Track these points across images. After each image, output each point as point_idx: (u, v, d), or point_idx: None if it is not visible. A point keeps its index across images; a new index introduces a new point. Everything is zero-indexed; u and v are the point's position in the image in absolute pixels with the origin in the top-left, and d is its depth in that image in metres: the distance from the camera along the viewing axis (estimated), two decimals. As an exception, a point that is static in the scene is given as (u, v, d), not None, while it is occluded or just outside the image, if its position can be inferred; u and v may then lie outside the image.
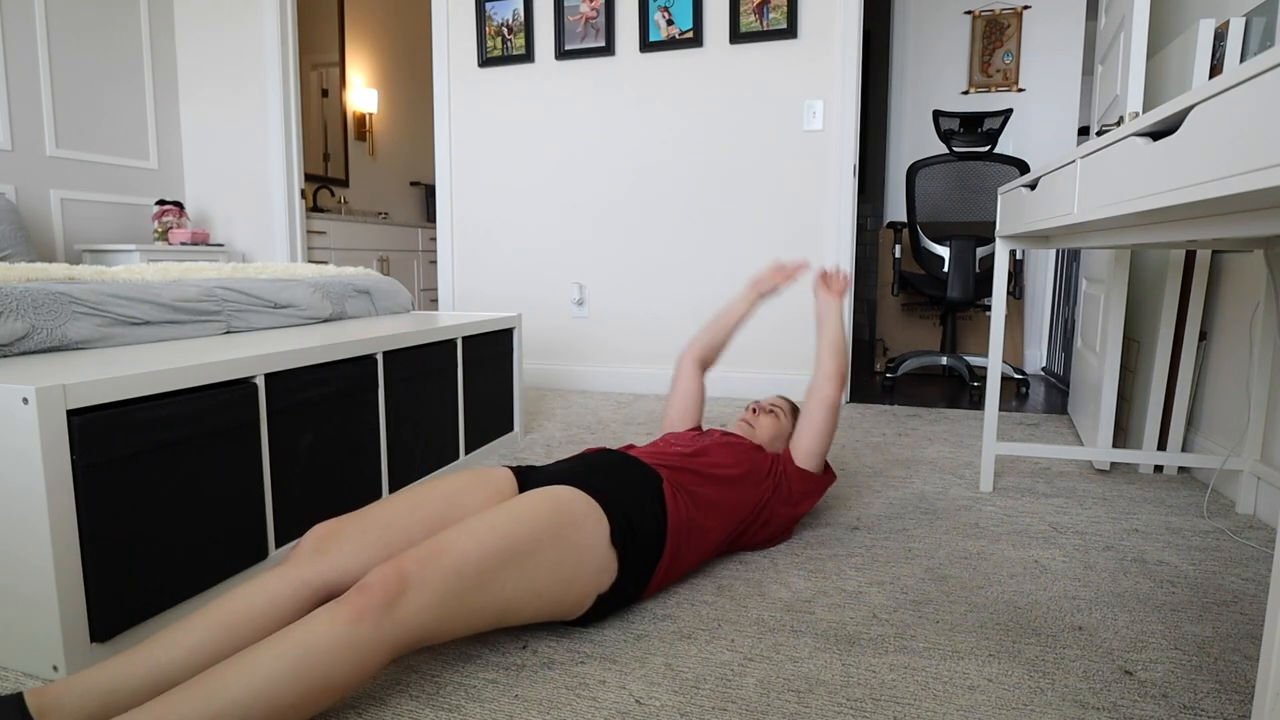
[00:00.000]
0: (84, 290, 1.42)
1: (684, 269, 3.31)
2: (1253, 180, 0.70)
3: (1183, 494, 1.91)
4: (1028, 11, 3.92)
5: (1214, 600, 1.31)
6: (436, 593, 0.96)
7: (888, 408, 3.05)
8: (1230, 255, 1.97)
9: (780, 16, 3.04)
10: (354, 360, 1.62)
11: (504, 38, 3.42)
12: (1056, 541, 1.58)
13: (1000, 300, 1.94)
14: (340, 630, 0.89)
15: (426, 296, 5.10)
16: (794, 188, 3.12)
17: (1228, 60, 1.72)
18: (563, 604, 1.11)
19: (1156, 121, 0.92)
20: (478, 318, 2.21)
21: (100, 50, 3.55)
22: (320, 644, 0.88)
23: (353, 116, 4.99)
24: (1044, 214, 1.49)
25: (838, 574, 1.41)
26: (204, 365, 1.23)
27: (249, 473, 1.32)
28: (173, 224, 3.67)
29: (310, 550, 1.05)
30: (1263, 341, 1.71)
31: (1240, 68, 0.72)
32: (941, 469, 2.14)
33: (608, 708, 0.99)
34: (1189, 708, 0.99)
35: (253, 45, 3.78)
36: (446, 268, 3.67)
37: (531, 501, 1.11)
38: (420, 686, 1.04)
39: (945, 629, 1.20)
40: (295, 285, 1.95)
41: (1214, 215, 0.99)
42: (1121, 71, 2.08)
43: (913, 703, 1.00)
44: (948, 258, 3.23)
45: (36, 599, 1.02)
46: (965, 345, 3.93)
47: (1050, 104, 3.94)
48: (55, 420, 1.00)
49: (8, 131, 3.20)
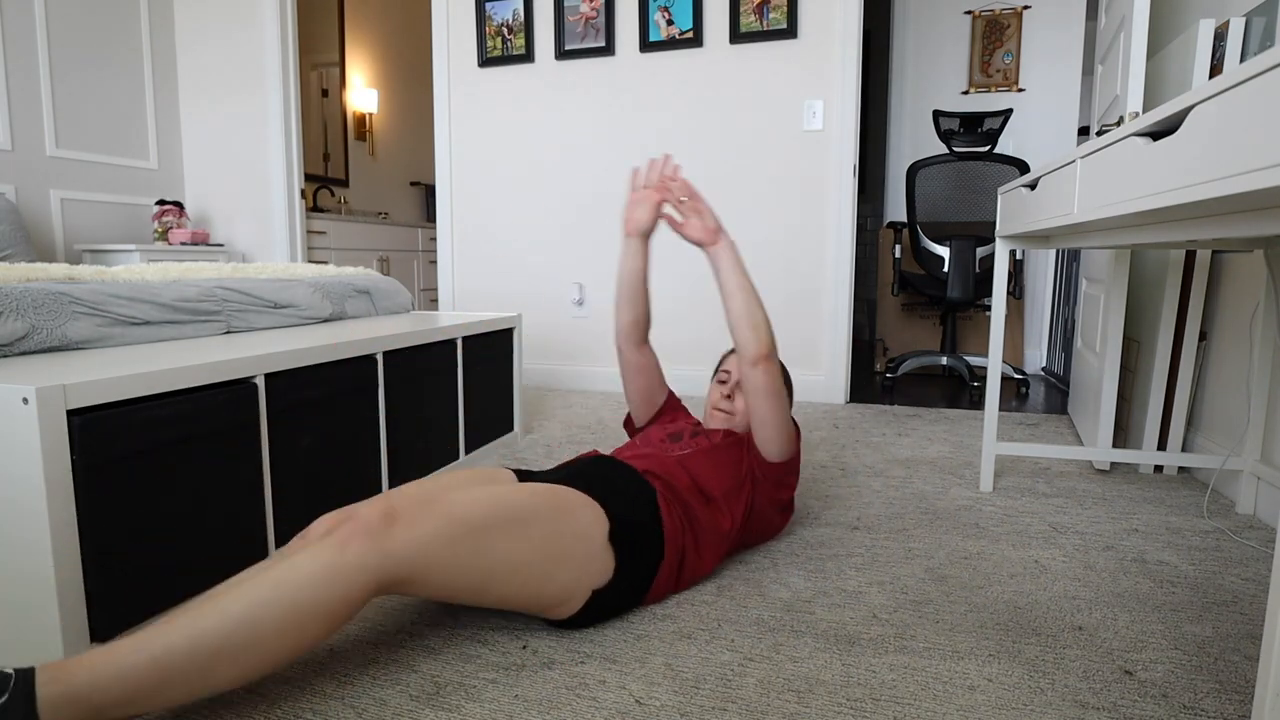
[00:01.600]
0: (84, 290, 1.42)
1: (684, 268, 3.31)
2: (1253, 180, 0.70)
3: (1183, 494, 1.91)
4: (1028, 11, 3.92)
5: (1214, 600, 1.31)
6: (425, 531, 0.98)
7: (888, 408, 3.05)
8: (1230, 255, 1.97)
9: (780, 16, 3.04)
10: (354, 360, 1.62)
11: (504, 38, 3.42)
12: (1056, 541, 1.58)
13: (1000, 300, 1.94)
14: (325, 555, 0.91)
15: (426, 296, 5.10)
16: (794, 188, 3.12)
17: (1228, 60, 1.72)
18: (550, 585, 1.10)
19: (1156, 121, 0.92)
20: (478, 318, 2.21)
21: (100, 50, 3.55)
22: (303, 566, 0.90)
23: (353, 116, 4.99)
24: (1044, 214, 1.49)
25: (838, 574, 1.41)
26: (204, 365, 1.23)
27: (249, 473, 1.32)
28: (173, 224, 3.67)
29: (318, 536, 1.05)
30: (1263, 341, 1.71)
31: (1240, 68, 0.72)
32: (941, 469, 2.14)
33: (608, 708, 0.99)
34: (1189, 708, 0.99)
35: (253, 45, 3.78)
36: (446, 268, 3.67)
37: (531, 486, 1.14)
38: (420, 686, 1.04)
39: (945, 629, 1.20)
40: (295, 285, 1.95)
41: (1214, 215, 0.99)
42: (1121, 71, 2.08)
43: (913, 703, 1.00)
44: (948, 258, 3.23)
45: (36, 599, 1.02)
46: (965, 345, 3.93)
47: (1050, 104, 3.94)
48: (55, 420, 1.00)
49: (8, 131, 3.20)
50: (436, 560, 0.98)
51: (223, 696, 1.00)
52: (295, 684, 1.04)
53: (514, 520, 1.06)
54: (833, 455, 2.28)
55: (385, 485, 1.73)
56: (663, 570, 1.26)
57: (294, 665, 1.09)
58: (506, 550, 1.04)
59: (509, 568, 1.05)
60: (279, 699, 1.00)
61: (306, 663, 1.10)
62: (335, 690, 1.02)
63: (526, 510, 1.08)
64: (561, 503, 1.13)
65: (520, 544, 1.06)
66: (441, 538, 0.98)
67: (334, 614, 0.91)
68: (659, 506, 1.27)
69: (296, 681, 1.04)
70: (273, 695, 1.01)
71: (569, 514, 1.13)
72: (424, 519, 0.99)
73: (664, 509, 1.27)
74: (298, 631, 0.89)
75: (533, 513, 1.08)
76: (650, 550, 1.23)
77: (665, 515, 1.26)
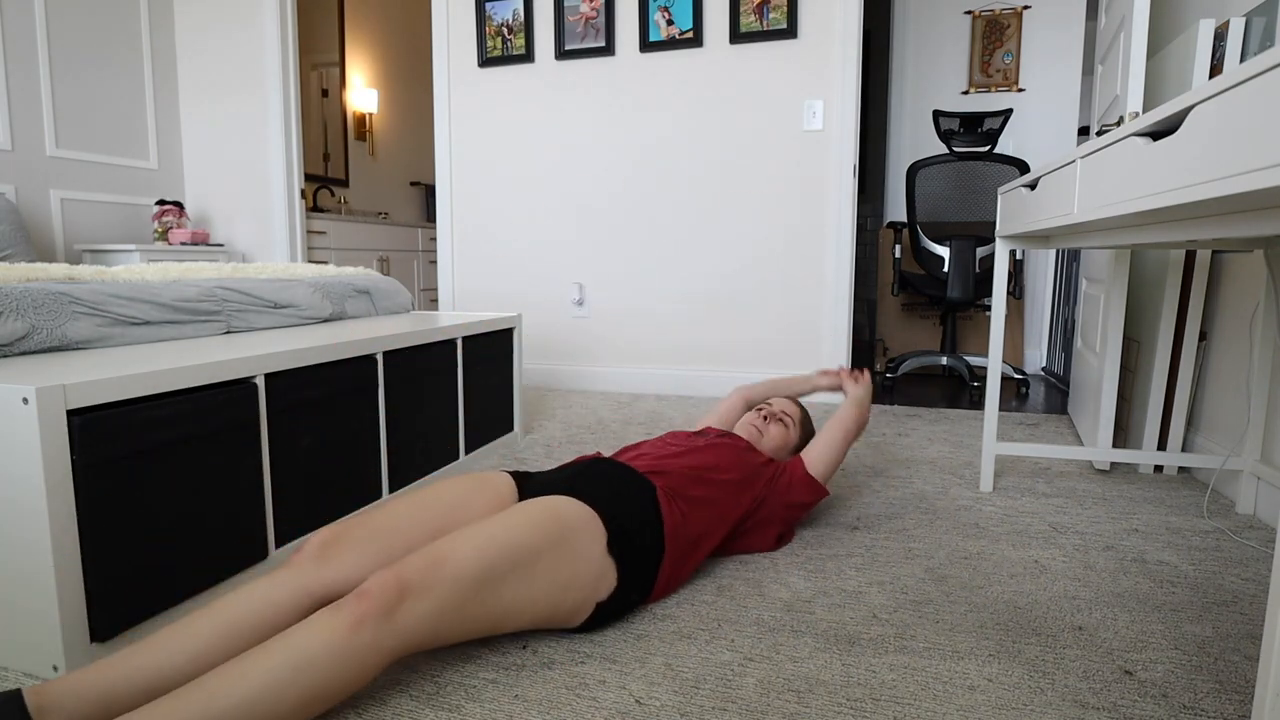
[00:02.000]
0: (84, 290, 1.42)
1: (684, 268, 3.31)
2: (1253, 180, 0.70)
3: (1183, 494, 1.91)
4: (1028, 11, 3.92)
5: (1214, 600, 1.31)
6: (435, 602, 0.96)
7: (888, 408, 3.05)
8: (1230, 255, 1.97)
9: (780, 16, 3.04)
10: (354, 360, 1.62)
11: (504, 38, 3.42)
12: (1056, 541, 1.58)
13: (1000, 300, 1.94)
14: (339, 638, 0.89)
15: (426, 296, 5.10)
16: (794, 188, 3.12)
17: (1228, 60, 1.72)
18: (559, 610, 1.11)
19: (1156, 121, 0.92)
20: (478, 318, 2.21)
21: (100, 50, 3.55)
22: (319, 651, 0.88)
23: (353, 116, 4.99)
24: (1044, 214, 1.49)
25: (838, 574, 1.41)
26: (204, 365, 1.23)
27: (249, 473, 1.32)
28: (173, 224, 3.67)
29: (312, 557, 1.05)
30: (1263, 341, 1.71)
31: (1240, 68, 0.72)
32: (941, 469, 2.14)
33: (608, 708, 0.99)
34: (1189, 708, 0.99)
35: (253, 45, 3.78)
36: (446, 268, 3.67)
37: (530, 511, 1.12)
38: (420, 686, 1.04)
39: (945, 629, 1.20)
40: (295, 285, 1.95)
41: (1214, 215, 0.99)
42: (1121, 71, 2.08)
43: (913, 703, 1.00)
44: (948, 258, 3.23)
45: (36, 599, 1.02)
46: (965, 345, 3.93)
47: (1050, 104, 3.94)
48: (55, 420, 1.00)
49: (8, 131, 3.20)
50: (448, 625, 0.99)
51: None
52: (295, 684, 1.04)
53: (518, 564, 1.05)
54: (833, 455, 2.28)
55: (385, 486, 1.73)
56: (664, 569, 1.26)
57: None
58: (515, 594, 1.05)
59: (519, 607, 1.06)
60: (279, 699, 1.00)
61: (306, 663, 1.10)
62: (335, 690, 1.02)
63: (530, 549, 1.07)
64: (562, 526, 1.12)
65: (527, 585, 1.06)
66: (451, 604, 0.98)
67: (347, 689, 0.92)
68: (659, 503, 1.27)
69: (296, 681, 1.04)
70: (273, 695, 1.01)
71: (570, 536, 1.12)
72: (432, 582, 0.97)
73: (664, 505, 1.27)
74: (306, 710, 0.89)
75: (536, 551, 1.07)
76: (650, 551, 1.23)
77: (665, 511, 1.27)
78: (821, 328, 3.15)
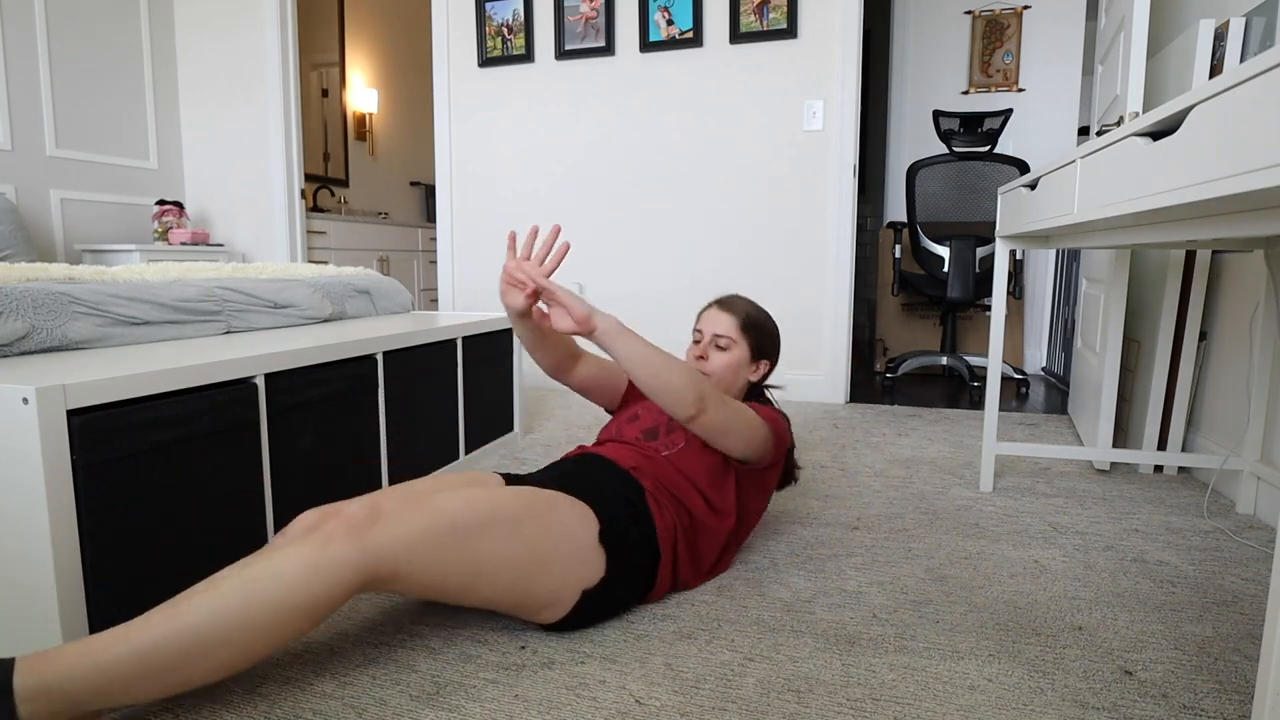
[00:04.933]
0: (84, 290, 1.42)
1: (685, 268, 3.31)
2: (1253, 180, 0.70)
3: (1183, 494, 1.91)
4: (1028, 12, 3.92)
5: (1214, 600, 1.31)
6: (410, 528, 0.98)
7: (888, 408, 3.05)
8: (1230, 255, 1.97)
9: (780, 16, 3.04)
10: (354, 360, 1.62)
11: (504, 38, 3.42)
12: (1056, 541, 1.58)
13: (1000, 300, 1.94)
14: (307, 552, 0.91)
15: (426, 296, 5.10)
16: (794, 188, 3.12)
17: (1228, 60, 1.72)
18: (538, 586, 1.10)
19: (1156, 121, 0.92)
20: (478, 318, 2.21)
21: (100, 50, 3.55)
22: (287, 565, 0.90)
23: (353, 116, 4.99)
24: (1044, 214, 1.49)
25: (838, 574, 1.41)
26: (204, 365, 1.23)
27: (249, 473, 1.32)
28: (173, 224, 3.67)
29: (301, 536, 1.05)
30: (1263, 341, 1.71)
31: (1240, 68, 0.72)
32: (941, 469, 2.14)
33: (608, 708, 0.99)
34: (1189, 708, 0.99)
35: (253, 45, 3.78)
36: (446, 268, 3.67)
37: (520, 489, 1.14)
38: (420, 686, 1.04)
39: (945, 629, 1.20)
40: (295, 285, 1.95)
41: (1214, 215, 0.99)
42: (1121, 71, 2.08)
43: (913, 703, 1.00)
44: (948, 258, 3.23)
45: (37, 599, 1.02)
46: (965, 345, 3.93)
47: (1050, 104, 3.94)
48: (55, 420, 1.00)
49: (8, 131, 3.20)
50: (421, 558, 0.98)
51: (222, 696, 1.00)
52: (295, 684, 1.04)
53: (502, 520, 1.06)
54: (833, 455, 2.28)
55: (385, 485, 1.73)
56: (662, 569, 1.26)
57: (294, 665, 1.09)
58: (493, 549, 1.05)
59: (496, 566, 1.05)
60: (279, 699, 1.00)
61: (306, 663, 1.10)
62: (335, 690, 1.02)
63: (514, 511, 1.08)
64: (549, 503, 1.14)
65: (508, 544, 1.06)
66: (427, 535, 0.99)
67: (316, 610, 0.92)
68: (648, 506, 1.26)
69: (296, 681, 1.04)
70: (273, 695, 1.01)
71: (556, 514, 1.13)
72: (409, 517, 0.99)
73: (653, 508, 1.26)
74: (279, 627, 0.90)
75: (521, 513, 1.09)
76: (643, 549, 1.23)
77: (655, 514, 1.26)
78: (821, 328, 3.15)
